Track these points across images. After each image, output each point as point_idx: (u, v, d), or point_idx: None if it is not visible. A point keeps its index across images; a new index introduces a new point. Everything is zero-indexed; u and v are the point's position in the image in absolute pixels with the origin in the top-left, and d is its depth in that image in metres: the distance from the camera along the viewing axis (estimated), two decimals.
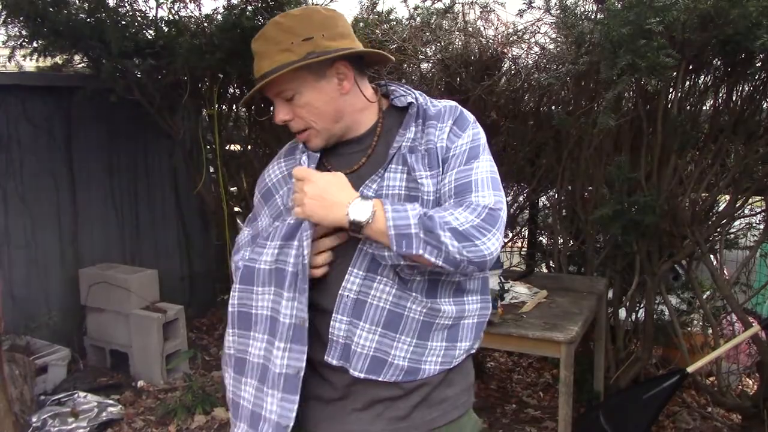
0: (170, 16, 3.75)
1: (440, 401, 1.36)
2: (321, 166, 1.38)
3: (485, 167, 1.30)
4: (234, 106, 4.34)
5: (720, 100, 3.01)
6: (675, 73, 2.78)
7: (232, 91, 4.18)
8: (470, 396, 1.45)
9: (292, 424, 1.30)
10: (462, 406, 1.41)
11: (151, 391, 3.69)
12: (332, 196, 1.22)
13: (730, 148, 3.02)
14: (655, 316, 3.31)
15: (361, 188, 1.29)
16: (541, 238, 4.06)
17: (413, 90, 1.40)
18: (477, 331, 1.39)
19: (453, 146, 1.30)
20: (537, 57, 3.31)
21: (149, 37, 3.73)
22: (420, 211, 1.20)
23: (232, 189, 4.31)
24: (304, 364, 1.29)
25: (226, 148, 4.24)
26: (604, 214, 2.88)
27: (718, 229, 3.14)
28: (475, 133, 1.33)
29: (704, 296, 3.27)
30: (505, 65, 3.41)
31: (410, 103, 1.36)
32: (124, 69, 3.70)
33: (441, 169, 1.29)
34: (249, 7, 3.42)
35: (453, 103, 1.38)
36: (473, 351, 1.41)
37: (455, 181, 1.27)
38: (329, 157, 1.39)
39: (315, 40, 1.27)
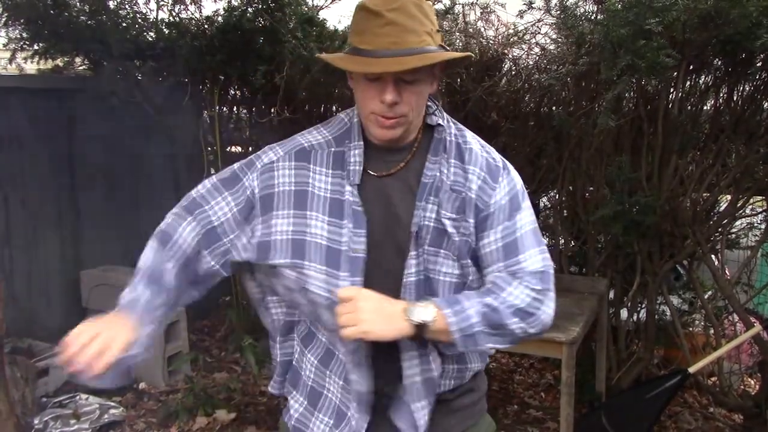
0: (171, 18, 3.76)
1: (456, 410, 1.39)
2: (364, 171, 1.31)
3: (528, 218, 1.29)
4: (235, 108, 4.35)
5: (720, 100, 3.01)
6: (675, 74, 2.78)
7: (232, 92, 4.19)
8: (484, 403, 1.48)
9: None
10: (477, 413, 1.45)
11: (152, 393, 3.69)
12: (388, 308, 1.20)
13: (730, 148, 3.02)
14: (656, 316, 3.31)
15: (413, 220, 1.26)
16: None
17: (442, 110, 1.36)
18: (483, 354, 1.42)
19: (491, 202, 1.27)
20: (537, 58, 3.31)
21: (150, 39, 3.74)
22: (480, 306, 1.21)
23: None
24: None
25: (227, 149, 4.24)
26: (605, 214, 2.88)
27: (719, 229, 3.13)
28: (509, 180, 1.30)
29: (706, 296, 3.26)
30: (506, 66, 3.42)
31: (438, 125, 1.32)
32: (125, 71, 3.70)
33: (474, 220, 1.26)
34: (249, 9, 3.43)
35: (481, 143, 1.34)
36: (482, 368, 1.44)
37: (502, 239, 1.26)
38: (370, 160, 1.31)
39: (440, 34, 1.26)
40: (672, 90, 2.92)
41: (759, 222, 3.33)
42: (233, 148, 4.35)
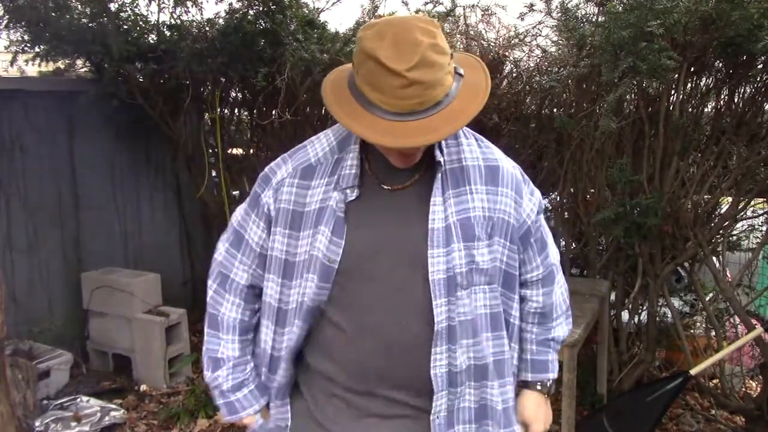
0: (172, 20, 3.76)
1: None
2: (369, 180, 1.30)
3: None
4: (236, 110, 4.35)
5: (722, 102, 3.01)
6: (676, 76, 2.78)
7: (234, 94, 4.19)
8: None
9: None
10: None
11: (153, 395, 3.69)
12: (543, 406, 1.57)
13: (732, 150, 3.02)
14: (657, 318, 3.30)
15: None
16: None
17: None
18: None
19: (524, 216, 1.40)
20: (538, 60, 3.32)
21: (151, 41, 3.75)
22: (552, 353, 1.56)
23: (234, 193, 4.32)
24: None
25: (228, 152, 4.24)
26: (606, 216, 2.88)
27: (721, 231, 3.13)
28: (534, 194, 1.45)
29: (707, 298, 3.26)
30: (507, 68, 3.42)
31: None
32: (126, 73, 3.71)
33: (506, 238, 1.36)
34: (250, 11, 3.43)
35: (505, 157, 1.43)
36: None
37: (535, 234, 1.45)
38: (380, 170, 1.31)
39: (451, 54, 1.19)
40: (673, 92, 2.92)
41: (760, 224, 3.33)
42: (234, 151, 4.35)
